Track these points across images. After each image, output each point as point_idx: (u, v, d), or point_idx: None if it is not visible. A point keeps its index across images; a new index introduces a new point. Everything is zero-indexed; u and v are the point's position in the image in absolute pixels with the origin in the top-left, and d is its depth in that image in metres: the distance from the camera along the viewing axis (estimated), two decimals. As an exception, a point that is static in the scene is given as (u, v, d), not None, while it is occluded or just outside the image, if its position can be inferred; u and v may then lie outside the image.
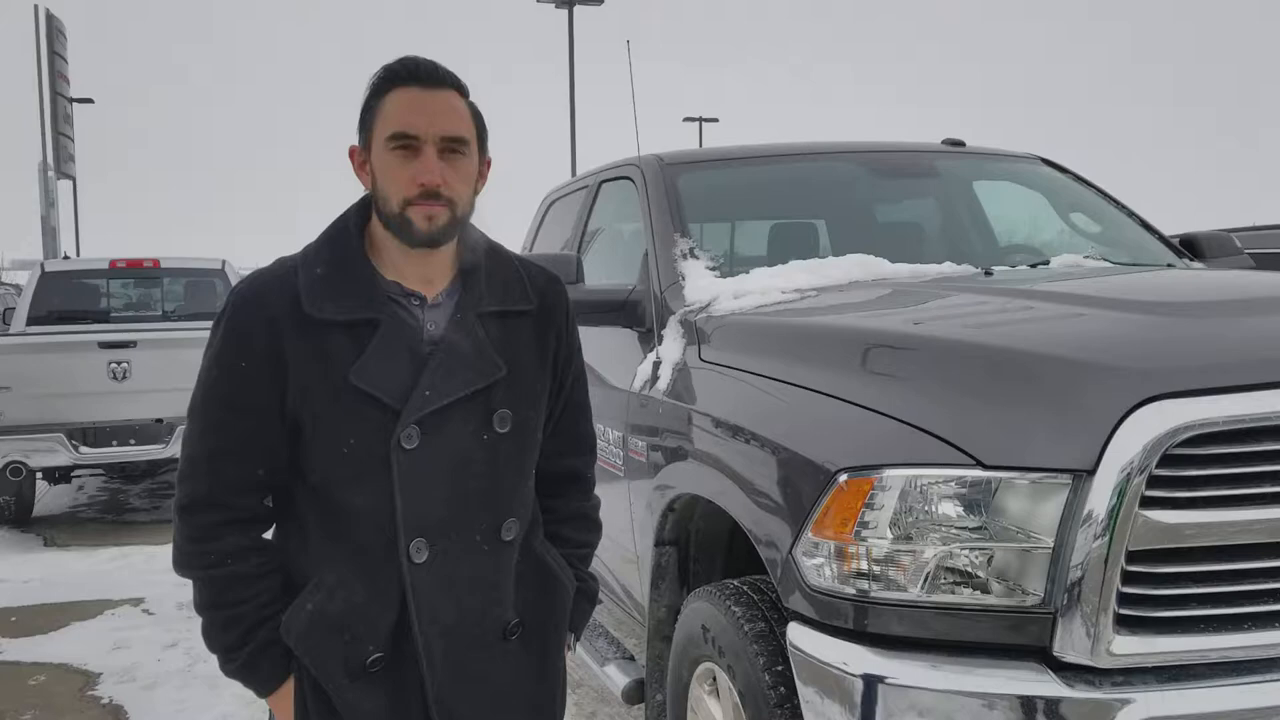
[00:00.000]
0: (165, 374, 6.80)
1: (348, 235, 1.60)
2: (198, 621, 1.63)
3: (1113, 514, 1.68)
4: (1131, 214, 3.79)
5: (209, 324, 1.65)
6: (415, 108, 1.52)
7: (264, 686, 1.62)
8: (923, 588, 1.80)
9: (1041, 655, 1.74)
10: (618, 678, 3.09)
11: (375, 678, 1.58)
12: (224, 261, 8.85)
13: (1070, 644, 1.71)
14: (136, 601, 5.40)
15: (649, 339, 3.08)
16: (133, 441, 6.95)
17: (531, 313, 1.67)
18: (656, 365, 2.91)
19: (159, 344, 6.97)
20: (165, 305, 8.83)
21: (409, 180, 1.51)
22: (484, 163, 1.63)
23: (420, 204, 1.51)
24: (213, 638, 1.61)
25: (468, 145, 1.56)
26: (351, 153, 1.61)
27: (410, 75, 1.54)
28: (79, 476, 8.09)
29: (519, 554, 1.68)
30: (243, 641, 1.58)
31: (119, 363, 6.86)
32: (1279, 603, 1.74)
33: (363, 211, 1.63)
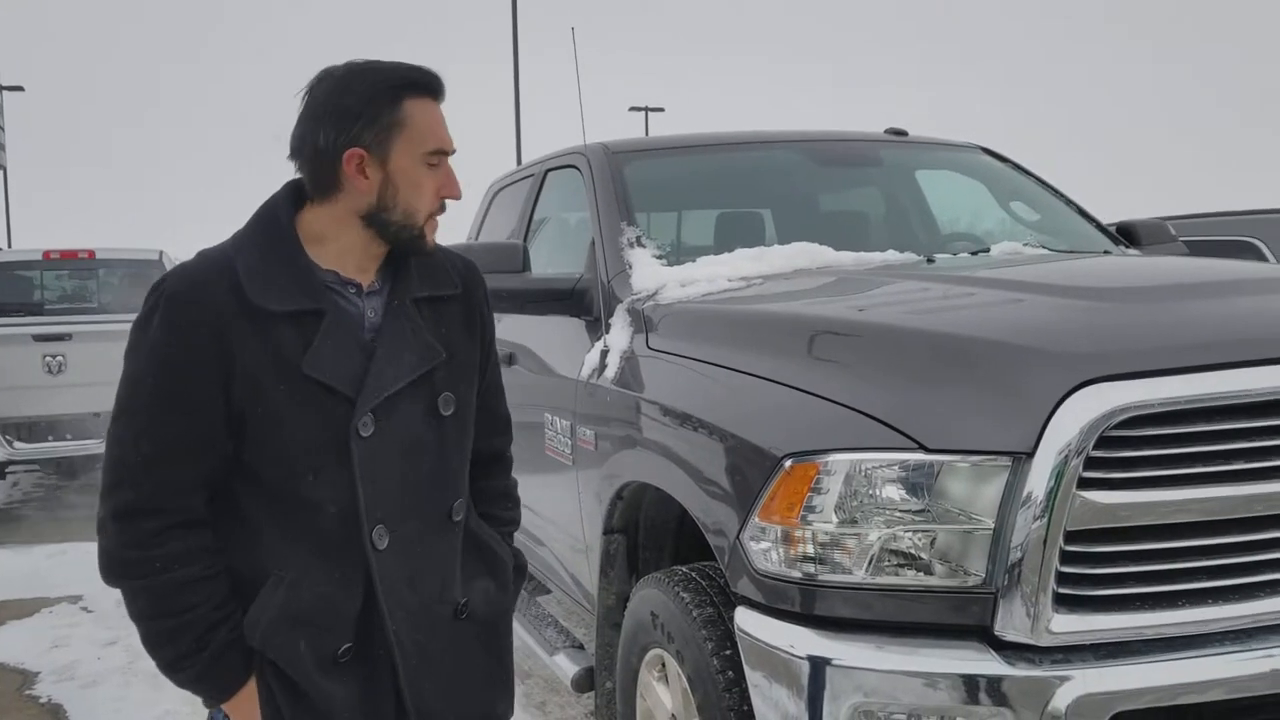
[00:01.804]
0: (102, 367, 6.62)
1: (279, 225, 1.57)
2: (138, 624, 1.56)
3: (1051, 495, 1.71)
4: (1070, 202, 3.86)
5: None
6: (442, 122, 1.59)
7: (224, 693, 1.56)
8: (867, 570, 1.82)
9: (983, 635, 1.78)
10: (567, 666, 3.09)
11: (346, 668, 1.56)
12: (161, 252, 8.66)
13: (1011, 623, 1.75)
14: (75, 599, 5.28)
15: (596, 328, 3.07)
16: (69, 436, 6.81)
17: (458, 296, 1.71)
18: (604, 354, 2.91)
19: (95, 336, 6.82)
20: (101, 297, 8.62)
21: (433, 193, 1.58)
22: None
23: (433, 219, 1.61)
24: (158, 648, 1.53)
25: None
26: (349, 157, 1.51)
27: (428, 87, 1.57)
28: (13, 472, 7.90)
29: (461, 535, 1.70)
30: (197, 648, 1.52)
31: (54, 356, 6.71)
32: (1211, 580, 1.79)
33: (291, 200, 1.59)
